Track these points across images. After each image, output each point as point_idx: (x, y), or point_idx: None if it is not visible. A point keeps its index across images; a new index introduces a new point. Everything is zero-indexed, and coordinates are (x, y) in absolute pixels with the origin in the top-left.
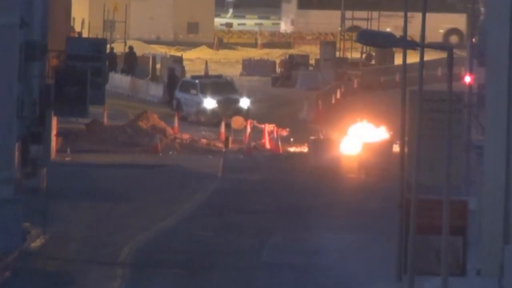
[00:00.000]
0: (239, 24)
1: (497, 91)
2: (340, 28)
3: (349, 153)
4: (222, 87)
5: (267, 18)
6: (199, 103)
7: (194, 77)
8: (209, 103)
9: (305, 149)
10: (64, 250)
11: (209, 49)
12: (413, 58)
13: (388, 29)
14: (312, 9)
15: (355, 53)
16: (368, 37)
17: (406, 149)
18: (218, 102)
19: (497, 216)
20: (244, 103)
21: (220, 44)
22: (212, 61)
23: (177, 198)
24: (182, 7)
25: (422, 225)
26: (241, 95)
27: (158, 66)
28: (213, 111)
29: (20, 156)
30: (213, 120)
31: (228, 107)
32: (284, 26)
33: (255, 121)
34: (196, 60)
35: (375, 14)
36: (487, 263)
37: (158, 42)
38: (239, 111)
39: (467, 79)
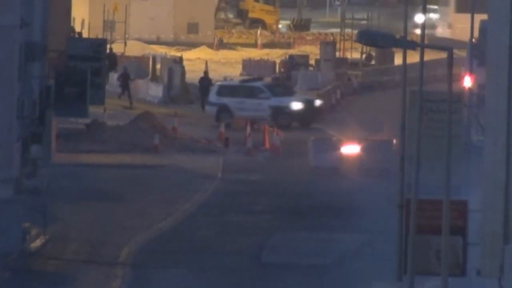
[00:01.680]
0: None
1: (497, 91)
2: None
3: (349, 153)
4: (282, 89)
5: None
6: (283, 106)
7: (243, 81)
8: (296, 105)
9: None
10: (64, 250)
11: (209, 49)
12: (413, 58)
13: None
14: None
15: (355, 53)
16: (368, 37)
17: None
18: (303, 103)
19: (497, 216)
20: (318, 103)
21: (220, 44)
22: (212, 61)
23: (177, 198)
24: (182, 7)
25: (422, 225)
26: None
27: (158, 66)
28: (298, 113)
29: (20, 156)
30: (296, 122)
31: (309, 108)
32: (441, 30)
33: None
34: (196, 60)
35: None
36: (487, 263)
37: (158, 42)
38: (317, 111)
39: (467, 83)
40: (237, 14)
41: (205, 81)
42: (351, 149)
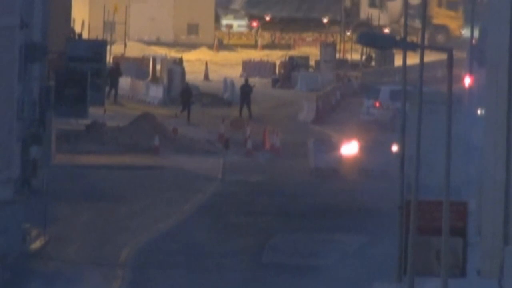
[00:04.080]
0: (239, 26)
1: (497, 91)
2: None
3: (349, 154)
4: None
5: None
6: None
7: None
8: None
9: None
10: (64, 251)
11: (209, 50)
12: (413, 59)
13: None
14: None
15: (355, 55)
16: (368, 39)
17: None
18: None
19: (497, 216)
20: None
21: (220, 45)
22: (212, 62)
23: (177, 199)
24: (182, 8)
25: (422, 226)
26: None
27: (158, 67)
28: None
29: (20, 157)
30: None
31: None
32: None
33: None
34: (196, 61)
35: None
36: (487, 264)
37: (158, 43)
38: None
39: (467, 84)
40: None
41: (246, 88)
42: (350, 149)
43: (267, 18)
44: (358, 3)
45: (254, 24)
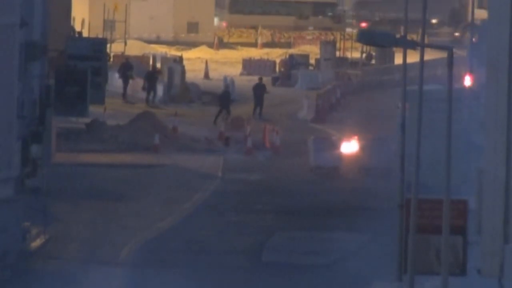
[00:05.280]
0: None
1: (497, 91)
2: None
3: (349, 153)
4: None
5: None
6: None
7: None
8: None
9: None
10: (64, 250)
11: (209, 48)
12: (413, 57)
13: None
14: None
15: (355, 53)
16: (368, 37)
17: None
18: None
19: (497, 215)
20: None
21: (220, 43)
22: (212, 60)
23: (177, 198)
24: (182, 6)
25: (422, 224)
26: None
27: (158, 65)
28: None
29: (20, 156)
30: None
31: None
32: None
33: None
34: (196, 59)
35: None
36: (487, 263)
37: (158, 41)
38: None
39: (467, 82)
40: None
41: (260, 88)
42: (350, 147)
43: (376, 19)
44: (466, 4)
45: (363, 24)
